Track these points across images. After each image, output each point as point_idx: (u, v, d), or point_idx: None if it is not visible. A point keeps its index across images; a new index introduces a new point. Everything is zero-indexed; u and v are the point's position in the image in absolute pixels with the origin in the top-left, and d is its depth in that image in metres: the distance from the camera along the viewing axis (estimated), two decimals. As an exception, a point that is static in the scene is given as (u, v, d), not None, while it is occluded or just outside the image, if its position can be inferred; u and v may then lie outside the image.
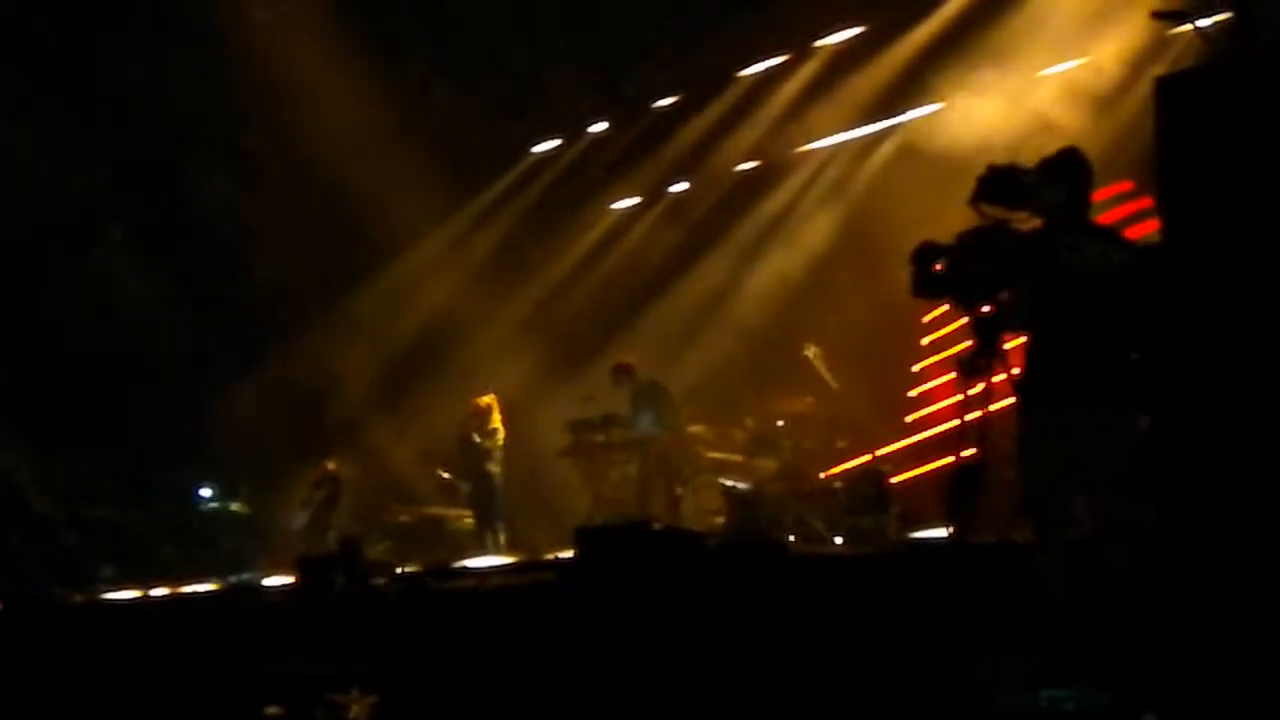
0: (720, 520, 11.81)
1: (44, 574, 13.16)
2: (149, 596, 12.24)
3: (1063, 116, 11.07)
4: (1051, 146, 6.34)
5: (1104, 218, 6.13)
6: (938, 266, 6.18)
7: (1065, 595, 5.70)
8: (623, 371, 13.15)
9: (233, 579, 12.73)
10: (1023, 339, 6.22)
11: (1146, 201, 5.83)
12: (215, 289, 16.17)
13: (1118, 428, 5.81)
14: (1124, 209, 9.04)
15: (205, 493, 15.43)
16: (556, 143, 16.25)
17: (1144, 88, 10.06)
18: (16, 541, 14.11)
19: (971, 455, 5.99)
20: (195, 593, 12.19)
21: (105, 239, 16.42)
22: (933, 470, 11.46)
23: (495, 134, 15.75)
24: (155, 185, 15.90)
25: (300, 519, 14.45)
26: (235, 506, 15.26)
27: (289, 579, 11.13)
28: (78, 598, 12.43)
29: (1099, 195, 6.22)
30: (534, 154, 16.40)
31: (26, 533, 14.25)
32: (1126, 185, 9.38)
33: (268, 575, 12.36)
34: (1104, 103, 11.11)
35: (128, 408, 15.65)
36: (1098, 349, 5.83)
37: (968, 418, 6.06)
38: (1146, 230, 6.38)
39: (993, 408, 6.06)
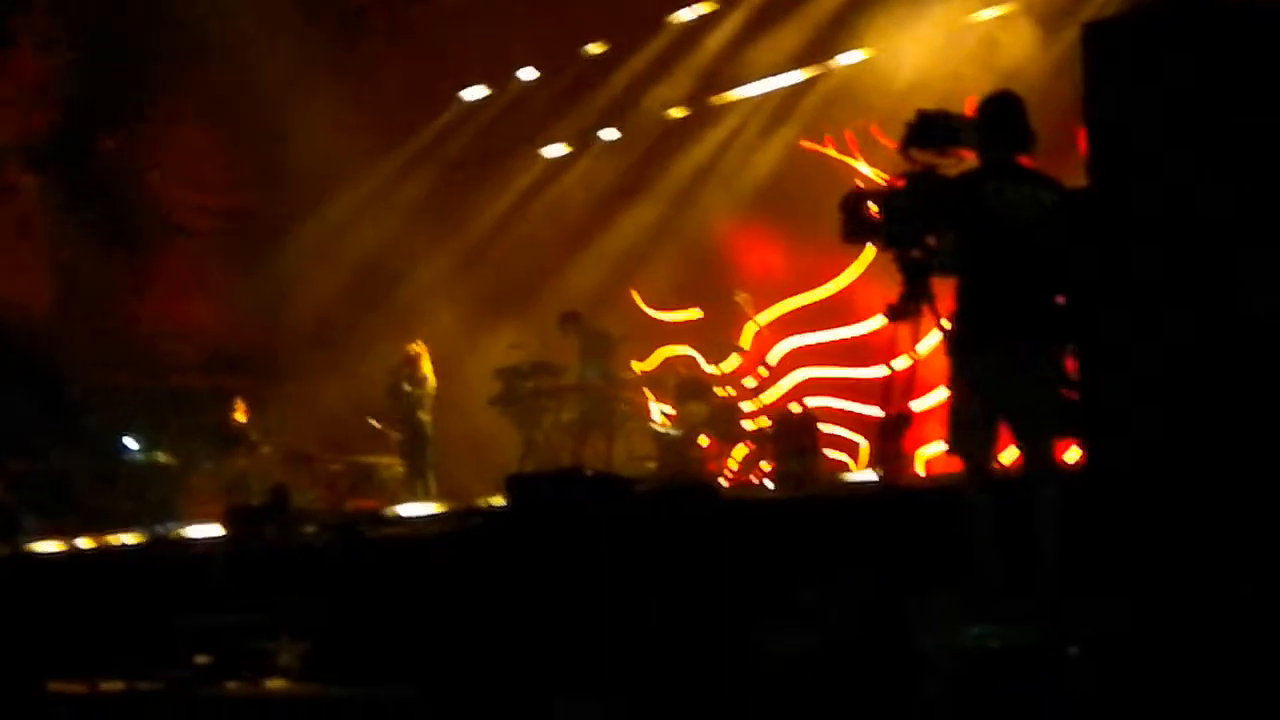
0: (652, 465, 11.87)
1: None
2: (74, 548, 12.11)
3: (989, 63, 11.13)
4: (980, 92, 6.38)
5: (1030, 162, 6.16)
6: (867, 211, 6.22)
7: (991, 534, 5.78)
8: (570, 319, 13.09)
9: (159, 529, 12.62)
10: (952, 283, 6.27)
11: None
12: (138, 233, 15.95)
13: (1044, 367, 5.88)
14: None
15: (130, 443, 15.24)
16: (485, 91, 16.10)
17: (1070, 35, 10.11)
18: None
19: (899, 400, 6.07)
20: (122, 544, 12.08)
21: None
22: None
23: (424, 81, 15.61)
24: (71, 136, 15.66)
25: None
26: (161, 456, 15.10)
27: (218, 529, 11.06)
28: (1, 550, 12.27)
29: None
30: (463, 100, 16.24)
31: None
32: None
33: (195, 525, 12.26)
34: (1029, 51, 11.16)
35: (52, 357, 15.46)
36: (1025, 291, 5.88)
37: (895, 363, 6.12)
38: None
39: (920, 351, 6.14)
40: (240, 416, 14.57)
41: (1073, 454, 6.83)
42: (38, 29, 15.54)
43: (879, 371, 6.24)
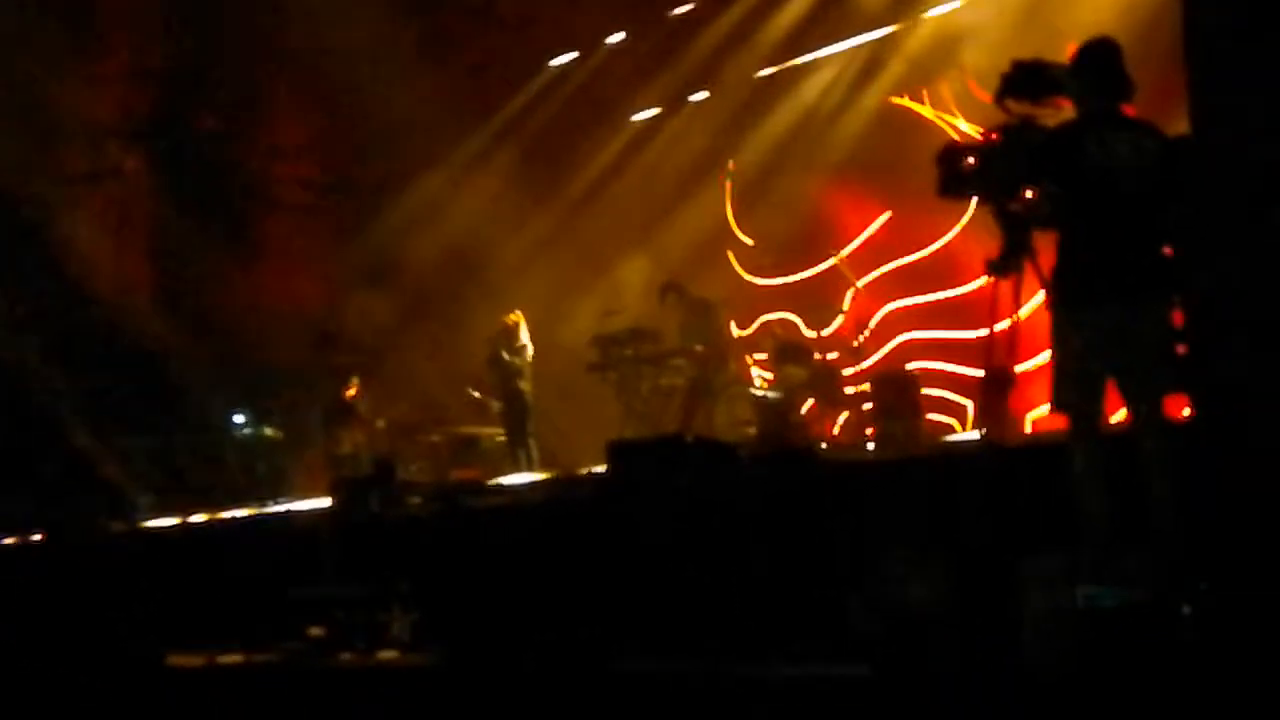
0: (752, 430, 11.84)
1: (83, 505, 13.30)
2: (188, 524, 12.39)
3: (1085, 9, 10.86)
4: (1078, 38, 6.22)
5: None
6: (964, 165, 6.11)
7: (1100, 492, 5.68)
8: (671, 289, 13.04)
9: (269, 504, 12.87)
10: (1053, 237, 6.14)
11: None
12: (237, 216, 16.20)
13: (1157, 323, 5.75)
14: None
15: (239, 419, 15.54)
16: (574, 55, 16.07)
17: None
18: (55, 473, 14.29)
19: (1001, 359, 5.97)
20: (233, 518, 12.33)
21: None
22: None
23: (512, 48, 15.62)
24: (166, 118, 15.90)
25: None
26: (269, 432, 15.37)
27: (325, 502, 11.24)
28: (117, 527, 12.59)
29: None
30: (552, 67, 16.23)
31: (65, 464, 14.42)
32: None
33: (304, 499, 12.48)
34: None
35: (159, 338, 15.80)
36: (1131, 243, 5.75)
37: (997, 326, 6.01)
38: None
39: (1023, 313, 6.02)
40: (352, 392, 14.75)
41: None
42: (135, 8, 15.77)
43: (983, 332, 6.11)
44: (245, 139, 16.49)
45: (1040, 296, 6.07)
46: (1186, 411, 6.26)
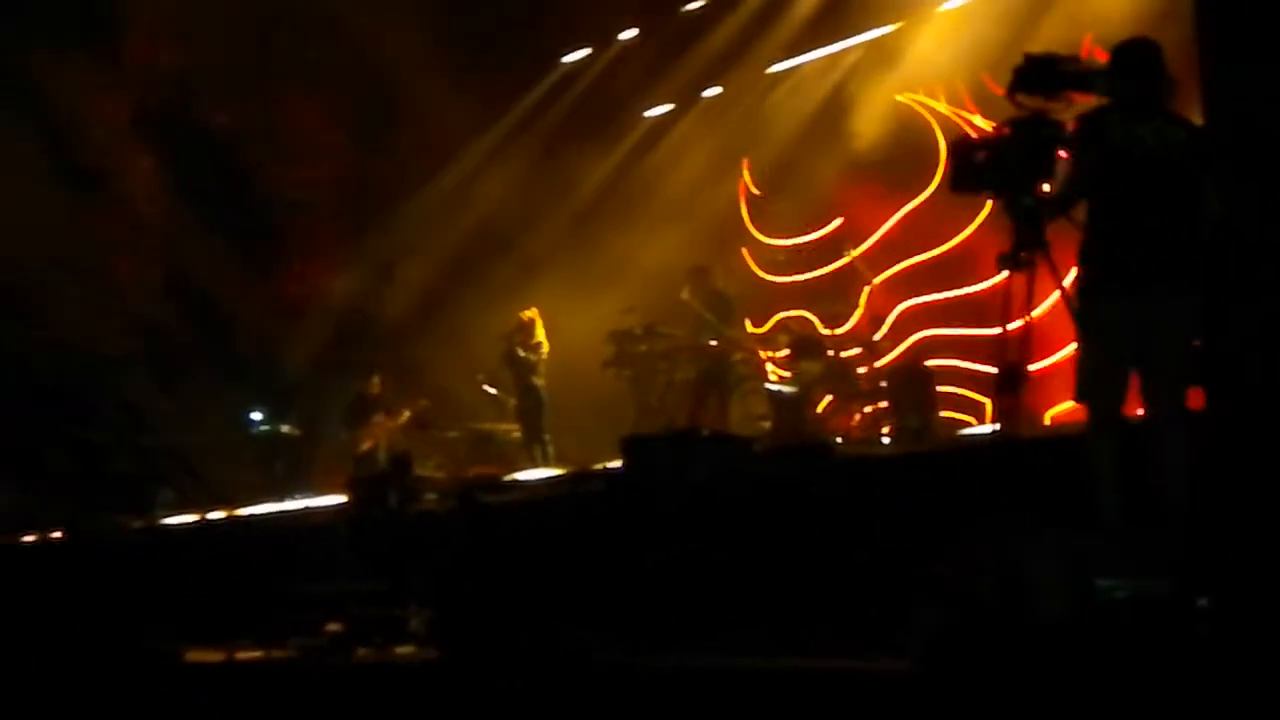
0: (767, 425, 11.84)
1: (103, 502, 13.37)
2: (207, 520, 12.44)
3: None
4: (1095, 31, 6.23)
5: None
6: (976, 159, 6.11)
7: (1117, 485, 5.68)
8: (697, 273, 13.00)
9: (287, 501, 12.92)
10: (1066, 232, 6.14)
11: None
12: (250, 212, 16.24)
13: (1181, 315, 5.74)
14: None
15: (256, 416, 15.59)
16: (586, 52, 16.07)
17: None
18: (75, 470, 14.36)
19: (1015, 353, 5.96)
20: (252, 515, 12.38)
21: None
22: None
23: (525, 45, 15.63)
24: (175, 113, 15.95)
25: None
26: (286, 429, 15.42)
27: (342, 499, 11.28)
28: (137, 524, 12.65)
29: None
30: (564, 64, 16.23)
31: (84, 461, 14.49)
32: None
33: (321, 496, 12.52)
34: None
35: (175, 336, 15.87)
36: (1157, 232, 5.74)
37: (1010, 326, 5.99)
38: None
39: (1036, 313, 6.01)
40: (375, 387, 14.77)
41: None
42: (147, 6, 15.79)
43: (998, 329, 6.10)
44: (259, 136, 16.51)
45: (1056, 294, 6.05)
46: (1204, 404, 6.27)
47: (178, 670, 8.68)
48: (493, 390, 14.50)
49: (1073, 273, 6.40)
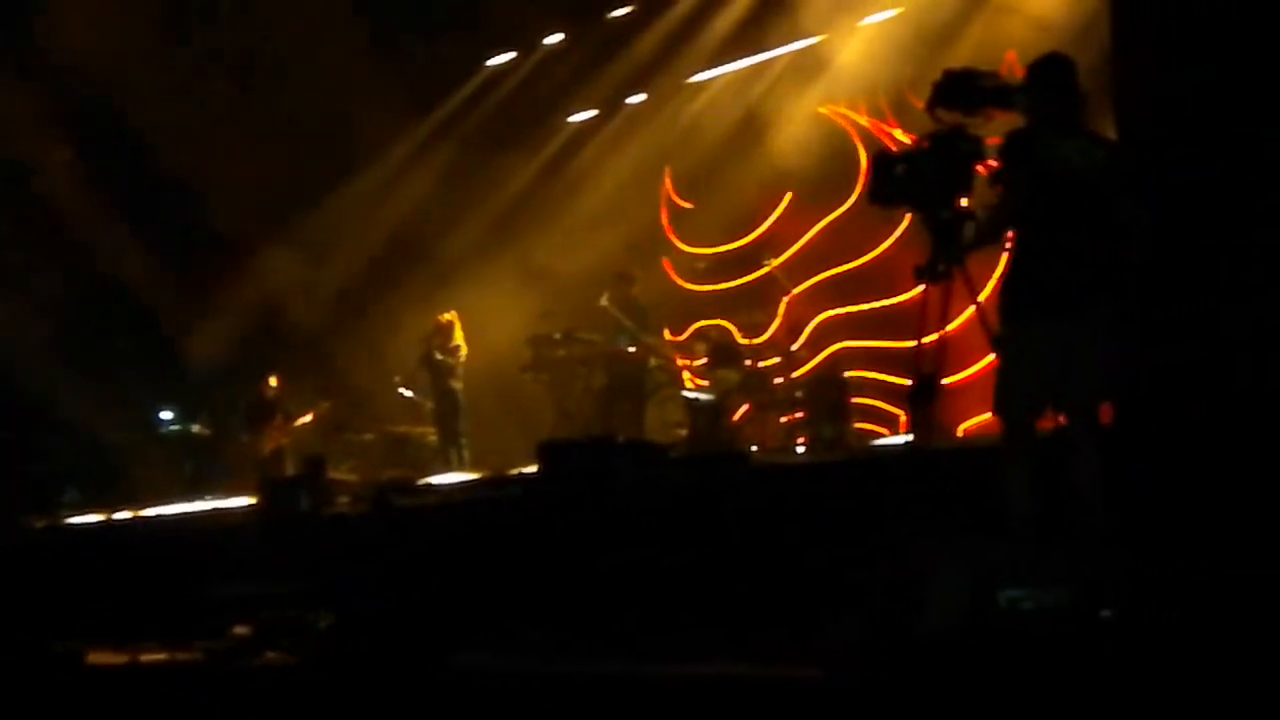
0: (683, 432, 11.88)
1: (6, 500, 13.10)
2: (112, 520, 12.22)
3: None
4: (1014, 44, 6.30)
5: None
6: (895, 173, 6.16)
7: (1027, 497, 5.74)
8: (622, 279, 13.02)
9: (196, 501, 12.73)
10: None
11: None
12: (164, 209, 15.98)
13: (1098, 334, 5.80)
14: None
15: (166, 415, 15.36)
16: (511, 55, 16.01)
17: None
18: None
19: (928, 366, 6.01)
20: (159, 515, 12.18)
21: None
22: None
23: (450, 48, 15.52)
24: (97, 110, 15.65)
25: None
26: (196, 428, 15.21)
27: (253, 500, 11.14)
28: (40, 523, 12.40)
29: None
30: (489, 67, 16.16)
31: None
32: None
33: (231, 497, 12.35)
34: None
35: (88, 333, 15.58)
36: (1080, 254, 5.79)
37: (925, 339, 6.04)
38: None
39: (950, 326, 6.06)
40: (273, 389, 14.61)
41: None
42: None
43: (914, 341, 6.14)
44: (174, 131, 16.23)
45: (971, 309, 6.10)
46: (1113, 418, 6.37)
47: (79, 672, 8.50)
48: (409, 393, 14.41)
49: (989, 288, 6.49)
